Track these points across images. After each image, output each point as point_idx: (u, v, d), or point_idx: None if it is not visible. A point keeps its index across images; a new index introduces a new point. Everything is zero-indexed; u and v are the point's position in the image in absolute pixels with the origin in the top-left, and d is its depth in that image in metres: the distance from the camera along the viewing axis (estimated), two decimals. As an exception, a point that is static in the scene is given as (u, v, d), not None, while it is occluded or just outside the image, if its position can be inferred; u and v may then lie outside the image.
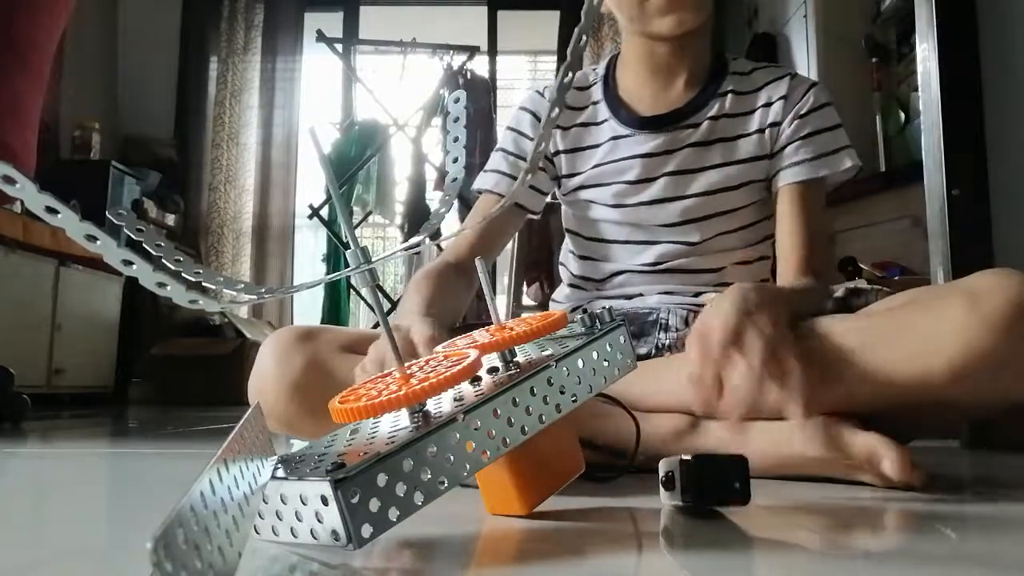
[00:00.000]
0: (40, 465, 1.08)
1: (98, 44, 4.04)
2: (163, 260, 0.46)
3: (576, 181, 1.06)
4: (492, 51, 4.38)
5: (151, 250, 0.45)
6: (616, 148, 1.04)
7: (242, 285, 0.48)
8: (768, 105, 1.01)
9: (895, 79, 2.82)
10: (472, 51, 3.67)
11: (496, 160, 1.10)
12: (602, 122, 1.06)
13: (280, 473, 0.45)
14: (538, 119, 1.10)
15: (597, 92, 1.08)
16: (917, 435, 0.86)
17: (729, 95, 1.02)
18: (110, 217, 0.45)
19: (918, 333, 0.70)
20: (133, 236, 0.45)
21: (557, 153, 1.07)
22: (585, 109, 1.07)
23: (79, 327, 3.00)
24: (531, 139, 1.09)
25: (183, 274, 0.46)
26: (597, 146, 1.05)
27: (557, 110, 0.52)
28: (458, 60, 3.65)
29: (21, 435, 1.53)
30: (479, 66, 3.87)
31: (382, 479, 0.43)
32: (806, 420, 0.70)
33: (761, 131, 1.00)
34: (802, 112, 0.99)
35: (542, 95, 1.12)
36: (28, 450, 1.27)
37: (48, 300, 2.83)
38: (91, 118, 3.69)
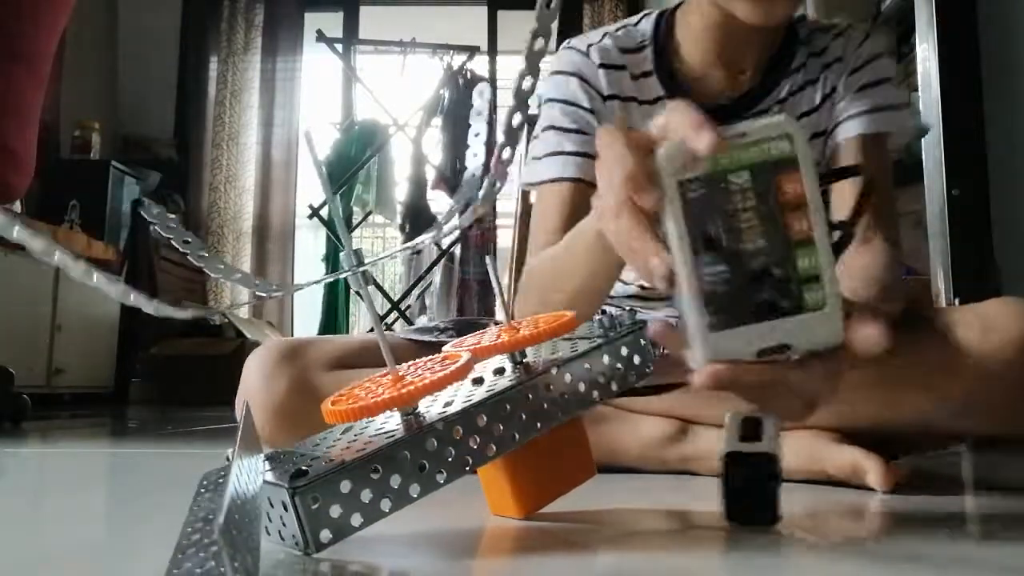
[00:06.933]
0: (40, 465, 1.08)
1: (98, 44, 4.04)
2: (188, 257, 0.48)
3: None
4: (492, 51, 4.37)
5: (178, 247, 0.47)
6: None
7: (258, 283, 0.49)
8: (828, 66, 0.89)
9: (895, 79, 2.82)
10: (472, 51, 3.67)
11: (552, 141, 0.88)
12: (655, 101, 0.88)
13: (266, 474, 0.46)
14: (587, 82, 0.89)
15: (648, 62, 0.89)
16: (917, 452, 0.85)
17: (801, 70, 0.89)
18: (142, 214, 0.47)
19: (930, 362, 0.69)
20: (164, 233, 0.47)
21: (593, 114, 0.88)
22: (634, 80, 0.88)
23: (79, 327, 3.00)
24: (587, 109, 0.88)
25: (205, 269, 0.47)
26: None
27: (530, 79, 0.44)
28: (458, 60, 3.65)
29: (21, 435, 1.52)
30: (479, 66, 3.87)
31: (346, 486, 0.43)
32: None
33: (823, 103, 0.89)
34: (856, 66, 0.89)
35: (579, 51, 0.90)
36: (28, 450, 1.27)
37: (48, 300, 2.82)
38: (91, 118, 3.69)
